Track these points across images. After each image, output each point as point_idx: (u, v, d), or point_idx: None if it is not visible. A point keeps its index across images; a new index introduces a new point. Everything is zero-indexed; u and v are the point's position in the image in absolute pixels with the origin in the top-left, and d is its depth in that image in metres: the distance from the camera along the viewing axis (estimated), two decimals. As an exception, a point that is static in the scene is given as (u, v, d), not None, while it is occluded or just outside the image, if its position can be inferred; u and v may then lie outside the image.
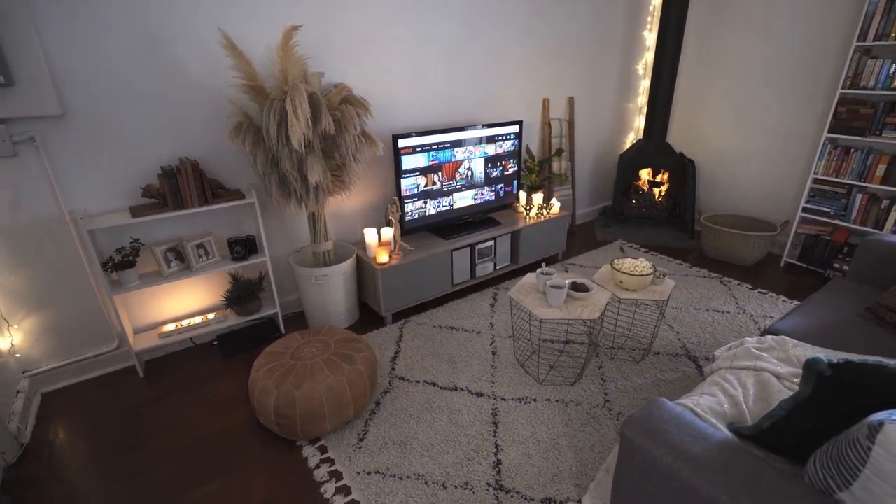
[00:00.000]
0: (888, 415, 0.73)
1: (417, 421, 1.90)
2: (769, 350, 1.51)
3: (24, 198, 1.88)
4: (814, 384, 0.94)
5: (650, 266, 2.10)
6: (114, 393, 2.12)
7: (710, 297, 2.83)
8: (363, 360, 1.92)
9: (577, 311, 1.90)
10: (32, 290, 2.00)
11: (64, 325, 2.11)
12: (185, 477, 1.69)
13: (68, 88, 1.84)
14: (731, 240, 3.27)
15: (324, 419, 1.76)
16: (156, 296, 2.29)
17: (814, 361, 0.90)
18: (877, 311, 1.76)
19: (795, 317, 1.82)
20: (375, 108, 2.68)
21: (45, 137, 1.85)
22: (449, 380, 2.13)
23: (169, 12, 1.96)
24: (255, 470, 1.71)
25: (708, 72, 3.66)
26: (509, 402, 1.98)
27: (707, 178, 3.88)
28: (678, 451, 0.93)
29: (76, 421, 1.96)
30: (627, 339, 2.42)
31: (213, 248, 2.28)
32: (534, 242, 3.16)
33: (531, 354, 2.30)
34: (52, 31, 1.76)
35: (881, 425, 0.71)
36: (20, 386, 1.99)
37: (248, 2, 2.11)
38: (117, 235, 2.10)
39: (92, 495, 1.62)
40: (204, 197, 2.11)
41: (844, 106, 2.81)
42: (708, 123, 3.77)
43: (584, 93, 3.71)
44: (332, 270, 2.42)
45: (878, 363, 0.89)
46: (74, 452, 1.80)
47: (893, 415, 0.73)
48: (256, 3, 2.13)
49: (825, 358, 0.90)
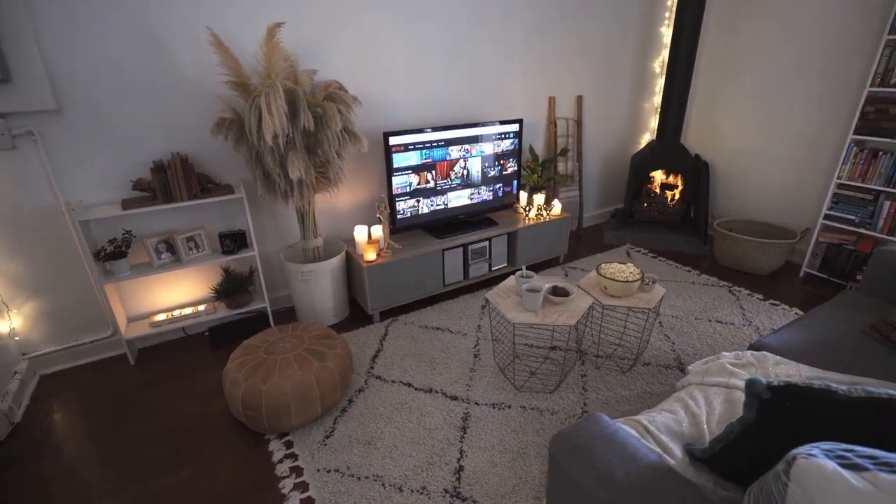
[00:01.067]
0: (808, 448, 0.65)
1: (386, 421, 1.88)
2: (746, 367, 1.40)
3: (22, 188, 1.98)
4: (757, 408, 0.85)
5: (637, 272, 2.00)
6: (104, 378, 2.20)
7: (714, 307, 2.68)
8: (335, 358, 1.91)
9: (553, 316, 1.83)
10: (31, 276, 2.10)
11: (61, 311, 2.21)
12: (156, 463, 1.73)
13: (64, 84, 1.92)
14: (745, 247, 3.08)
15: (289, 414, 1.76)
16: (149, 286, 2.37)
17: (752, 383, 0.82)
18: (882, 328, 1.60)
19: (790, 331, 1.69)
20: (371, 106, 2.67)
21: (42, 131, 1.94)
22: (425, 381, 2.10)
23: (165, 10, 2.01)
24: (221, 461, 1.73)
25: (726, 69, 3.47)
26: (482, 407, 1.93)
27: (724, 182, 3.68)
28: (601, 472, 0.86)
29: (67, 403, 2.05)
30: (618, 347, 2.32)
31: (203, 242, 2.33)
32: (532, 244, 3.08)
33: (514, 359, 2.23)
34: (48, 28, 1.84)
35: (794, 460, 0.64)
36: (18, 367, 2.10)
37: (245, 1, 2.14)
38: (112, 226, 2.18)
39: (67, 476, 1.69)
40: (193, 191, 2.16)
41: (872, 105, 2.59)
42: (725, 124, 3.57)
43: (594, 91, 3.59)
44: (320, 267, 2.44)
45: (825, 388, 0.80)
46: (59, 433, 1.88)
47: (813, 448, 0.65)
48: (253, 2, 2.16)
49: (764, 380, 0.82)
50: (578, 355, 2.26)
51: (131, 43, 1.99)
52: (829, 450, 0.64)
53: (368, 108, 2.67)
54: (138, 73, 2.04)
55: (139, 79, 2.05)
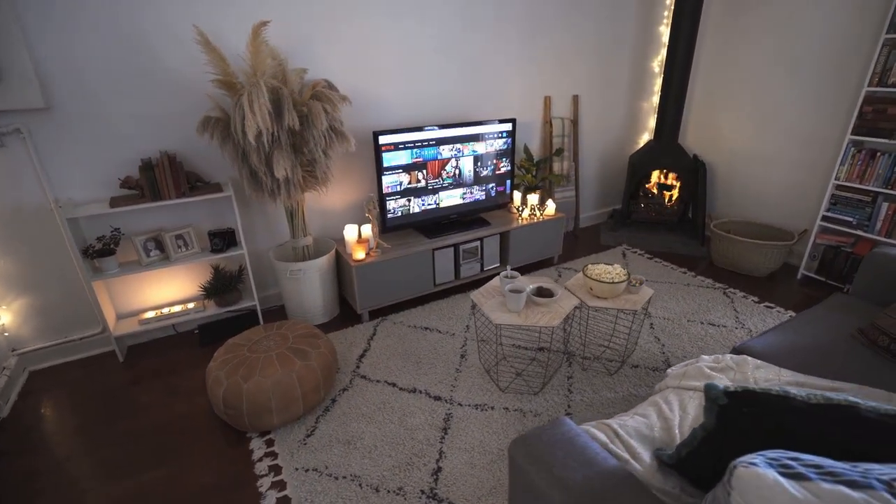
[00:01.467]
0: (751, 457, 0.63)
1: (368, 421, 1.87)
2: (725, 371, 1.37)
3: (11, 186, 2.00)
4: (717, 414, 0.84)
5: (624, 273, 1.98)
6: (93, 375, 2.22)
7: (708, 309, 2.64)
8: (318, 357, 1.91)
9: (536, 317, 1.82)
10: (22, 273, 2.13)
11: (51, 308, 2.23)
12: (139, 460, 1.74)
13: (53, 83, 1.94)
14: (741, 248, 3.04)
15: (270, 413, 1.77)
16: (139, 283, 2.39)
17: (709, 388, 0.80)
18: (869, 332, 1.57)
19: (776, 334, 1.66)
20: (364, 105, 2.67)
21: (31, 129, 1.96)
22: (409, 381, 2.09)
23: (154, 9, 2.02)
24: (202, 459, 1.74)
25: (725, 69, 3.42)
26: (465, 408, 1.92)
27: (723, 183, 3.64)
28: (556, 476, 0.85)
29: (55, 399, 2.07)
30: (606, 349, 2.30)
31: (192, 240, 2.34)
32: (525, 244, 3.07)
33: (498, 360, 2.22)
34: (36, 28, 1.86)
35: (734, 468, 0.62)
36: (7, 363, 2.12)
37: (233, 2, 2.15)
38: (101, 224, 2.20)
39: (52, 470, 1.70)
40: (181, 189, 2.17)
41: (871, 105, 2.54)
42: (724, 124, 3.53)
43: (591, 91, 3.56)
44: (308, 265, 2.44)
45: (783, 393, 0.78)
46: (46, 428, 1.90)
47: (757, 457, 0.63)
48: (245, 2, 2.16)
49: (720, 385, 0.80)
50: (566, 357, 2.24)
51: (120, 42, 2.01)
52: (773, 458, 0.63)
53: (361, 107, 2.67)
54: (127, 72, 2.06)
55: (128, 77, 2.06)
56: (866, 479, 0.59)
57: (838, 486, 0.57)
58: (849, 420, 0.76)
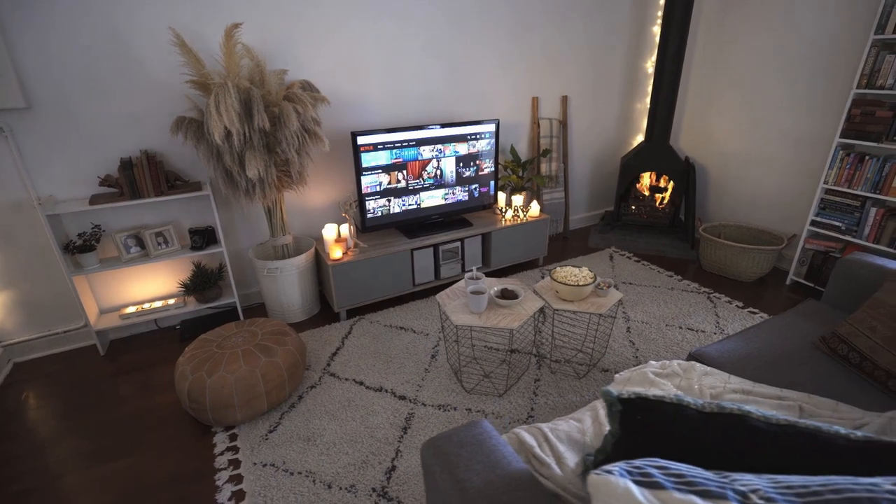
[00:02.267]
0: (612, 465, 0.63)
1: (331, 418, 1.90)
2: (671, 377, 1.36)
3: (-4, 183, 2.07)
4: (618, 420, 0.83)
5: (590, 276, 1.96)
6: (74, 367, 2.28)
7: (689, 314, 2.61)
8: (284, 354, 1.94)
9: (497, 319, 1.82)
10: (6, 267, 2.20)
11: (36, 302, 2.30)
12: (103, 450, 1.79)
13: (34, 83, 2.00)
14: (728, 252, 2.99)
15: (233, 408, 1.80)
16: (121, 279, 2.45)
17: (604, 394, 0.80)
18: (830, 340, 1.54)
19: (736, 340, 1.64)
20: (346, 106, 2.70)
21: (13, 128, 2.02)
22: (377, 380, 2.11)
23: (133, 11, 2.07)
24: (167, 451, 1.78)
25: (718, 71, 3.37)
26: (428, 408, 1.93)
27: (715, 185, 3.58)
28: (457, 478, 0.85)
29: (36, 389, 2.13)
30: (579, 352, 2.28)
31: (172, 237, 2.39)
32: (508, 246, 3.06)
33: (471, 361, 2.22)
34: (15, 28, 1.92)
35: (588, 476, 0.62)
36: (-8, 354, 2.20)
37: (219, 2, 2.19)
38: (84, 220, 2.26)
39: (27, 456, 1.76)
40: (160, 188, 2.22)
41: (859, 108, 2.48)
42: (717, 126, 3.47)
43: (581, 92, 3.53)
44: (286, 264, 2.47)
45: (677, 401, 0.77)
46: (25, 417, 1.96)
47: (616, 466, 0.63)
48: (226, 4, 2.20)
49: (615, 391, 0.80)
50: (537, 360, 2.24)
51: (99, 42, 2.06)
52: (637, 467, 0.62)
53: (344, 107, 2.70)
54: (108, 73, 2.11)
55: (108, 78, 2.12)
56: (722, 490, 0.58)
57: (690, 496, 0.57)
58: (741, 429, 0.75)
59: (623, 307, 2.70)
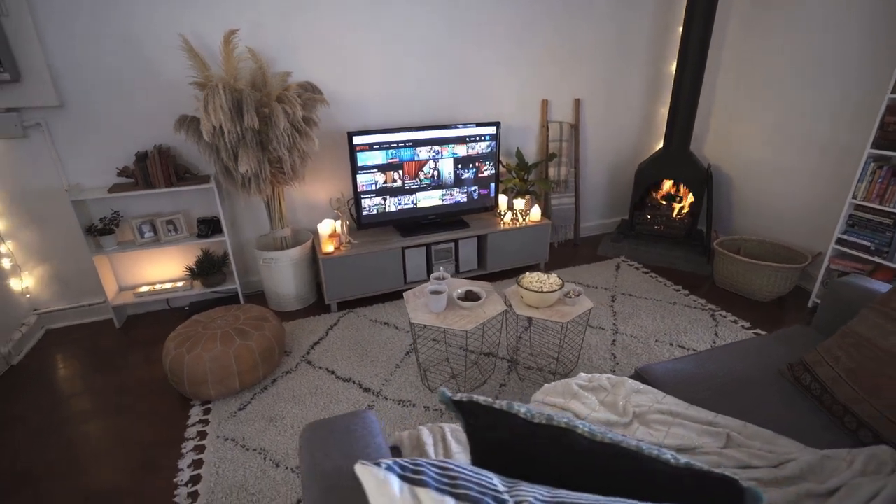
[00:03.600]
0: (389, 461, 0.64)
1: (297, 403, 2.00)
2: (596, 391, 1.32)
3: (35, 171, 2.36)
4: (461, 422, 0.84)
5: (558, 283, 1.93)
6: (93, 337, 2.56)
7: (684, 331, 2.47)
8: (259, 339, 2.07)
9: (453, 319, 1.83)
10: (42, 245, 2.50)
11: (66, 277, 2.60)
12: (98, 409, 2.01)
13: (65, 83, 2.27)
14: (742, 269, 2.79)
15: (206, 385, 1.95)
16: (137, 261, 2.70)
17: (439, 395, 0.81)
18: (796, 368, 1.42)
19: (692, 360, 1.55)
20: (349, 106, 2.81)
21: (49, 123, 2.30)
22: (348, 371, 2.19)
23: (151, 18, 2.29)
24: (148, 417, 1.96)
25: (748, 71, 3.15)
26: (388, 402, 1.98)
27: (740, 195, 3.35)
28: (314, 462, 0.90)
29: (58, 354, 2.41)
30: (555, 361, 2.24)
31: (181, 225, 2.61)
32: (505, 249, 3.04)
33: (443, 361, 2.25)
34: (50, 35, 2.18)
35: (356, 466, 0.64)
36: (27, 320, 2.51)
37: (222, 9, 2.37)
38: (106, 206, 2.53)
39: (37, 411, 2.01)
40: (170, 179, 2.44)
41: (894, 115, 2.24)
42: (743, 132, 3.25)
43: (596, 94, 3.43)
44: (281, 255, 2.62)
45: (506, 408, 0.77)
46: (44, 377, 2.23)
47: (392, 460, 0.64)
48: (234, 11, 2.38)
49: (448, 393, 0.80)
50: (509, 365, 2.22)
51: (121, 49, 2.29)
52: (415, 463, 0.64)
53: (347, 108, 2.81)
54: (128, 75, 2.34)
55: (128, 80, 2.35)
56: (481, 496, 0.59)
57: (444, 496, 0.58)
58: (566, 443, 0.73)
59: (615, 318, 2.60)
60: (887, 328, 1.23)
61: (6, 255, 2.42)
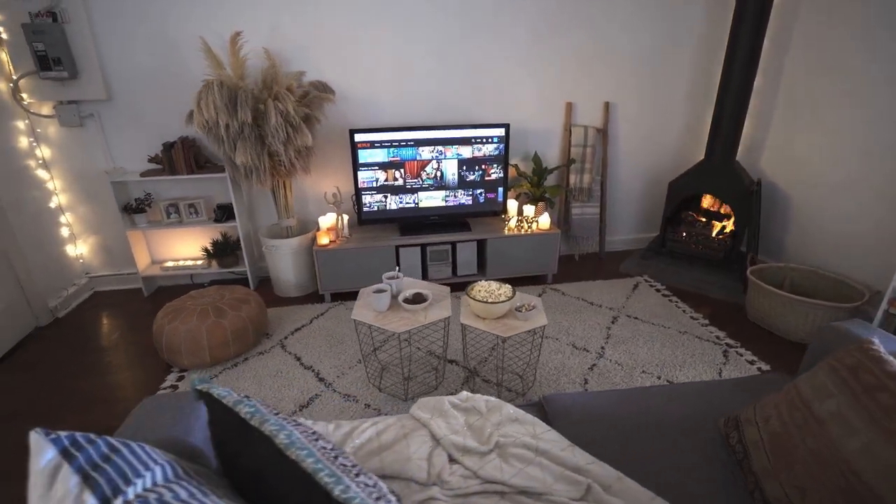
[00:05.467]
0: (69, 433, 0.65)
1: (255, 382, 2.11)
2: (468, 412, 1.21)
3: (90, 155, 2.77)
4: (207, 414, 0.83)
5: (507, 295, 1.81)
6: (126, 301, 2.93)
7: (682, 365, 2.18)
8: (233, 318, 2.22)
9: (392, 320, 1.81)
10: (94, 219, 2.93)
11: (111, 248, 3.01)
12: (102, 363, 2.30)
13: (113, 81, 2.63)
14: (776, 302, 2.39)
15: (180, 355, 2.14)
16: (169, 238, 3.04)
17: (192, 382, 0.81)
18: (729, 424, 1.18)
19: (619, 396, 1.36)
20: (358, 104, 2.90)
21: (100, 114, 2.69)
22: (312, 360, 2.26)
23: (183, 23, 2.57)
24: (136, 375, 2.21)
25: (817, 71, 2.68)
26: (334, 395, 2.02)
27: (799, 217, 2.86)
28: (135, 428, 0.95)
29: (95, 312, 2.81)
30: (519, 378, 2.10)
31: (202, 209, 2.89)
32: (507, 256, 2.92)
33: (406, 361, 2.23)
34: (100, 37, 2.54)
35: None
36: (78, 280, 2.96)
37: (245, 13, 2.58)
38: (141, 188, 2.88)
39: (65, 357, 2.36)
40: (191, 168, 2.71)
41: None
42: (807, 142, 2.77)
43: (630, 97, 3.15)
44: (282, 243, 2.78)
45: (232, 404, 0.74)
46: (80, 329, 2.62)
47: (71, 433, 0.65)
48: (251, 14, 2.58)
49: (198, 381, 0.79)
50: (466, 375, 2.13)
51: (157, 48, 2.60)
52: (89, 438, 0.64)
53: (360, 106, 2.90)
54: (162, 74, 2.65)
55: (163, 76, 2.66)
56: (111, 482, 0.58)
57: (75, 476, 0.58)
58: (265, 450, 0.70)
59: (606, 341, 2.37)
60: (829, 390, 0.98)
61: (65, 224, 2.87)
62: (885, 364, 0.94)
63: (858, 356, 0.99)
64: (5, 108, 2.51)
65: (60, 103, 2.61)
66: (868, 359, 0.96)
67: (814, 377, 1.05)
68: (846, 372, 0.98)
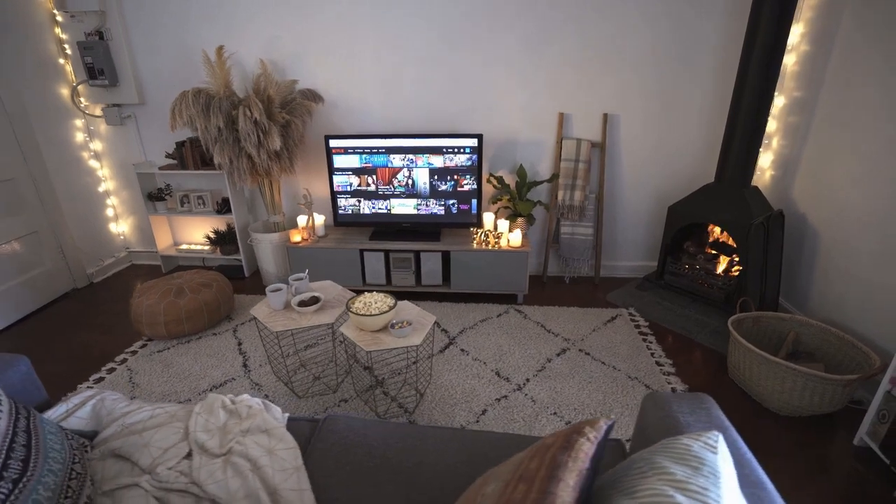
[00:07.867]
0: None
1: (194, 361, 2.33)
2: (231, 413, 1.22)
3: (130, 150, 3.30)
4: None
5: (384, 309, 1.77)
6: (148, 273, 3.43)
7: (611, 411, 1.93)
8: (190, 300, 2.49)
9: (279, 319, 1.88)
10: (132, 203, 3.47)
11: (144, 228, 3.54)
12: (108, 323, 2.73)
13: (145, 87, 3.10)
14: (754, 363, 1.99)
15: (143, 326, 2.45)
16: (188, 224, 3.48)
17: None
18: (485, 483, 1.04)
19: (413, 432, 1.27)
20: (346, 112, 3.04)
21: (136, 115, 3.19)
22: (249, 347, 2.43)
23: (198, 37, 2.94)
24: (116, 339, 2.58)
25: (859, 90, 2.17)
26: (246, 381, 2.16)
27: (826, 259, 2.34)
28: None
29: (125, 281, 3.34)
30: (421, 395, 2.04)
31: (208, 201, 3.26)
32: (472, 271, 2.82)
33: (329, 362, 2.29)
34: (135, 52, 3.01)
35: None
36: (118, 253, 3.53)
37: (248, 27, 2.87)
38: (164, 180, 3.34)
39: (72, 312, 2.86)
40: (197, 164, 3.09)
41: None
42: (844, 170, 2.25)
43: (634, 108, 2.84)
44: (262, 237, 3.03)
45: None
46: (108, 293, 3.13)
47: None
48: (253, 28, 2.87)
49: None
50: (373, 379, 2.12)
51: (177, 58, 3.00)
52: None
53: (349, 113, 3.04)
54: (181, 80, 3.05)
55: (181, 83, 3.06)
56: None
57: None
58: None
59: (537, 374, 2.18)
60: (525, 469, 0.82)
61: (111, 206, 3.45)
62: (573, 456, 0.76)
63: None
64: (67, 109, 3.10)
65: (107, 106, 3.15)
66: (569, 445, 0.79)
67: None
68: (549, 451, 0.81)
